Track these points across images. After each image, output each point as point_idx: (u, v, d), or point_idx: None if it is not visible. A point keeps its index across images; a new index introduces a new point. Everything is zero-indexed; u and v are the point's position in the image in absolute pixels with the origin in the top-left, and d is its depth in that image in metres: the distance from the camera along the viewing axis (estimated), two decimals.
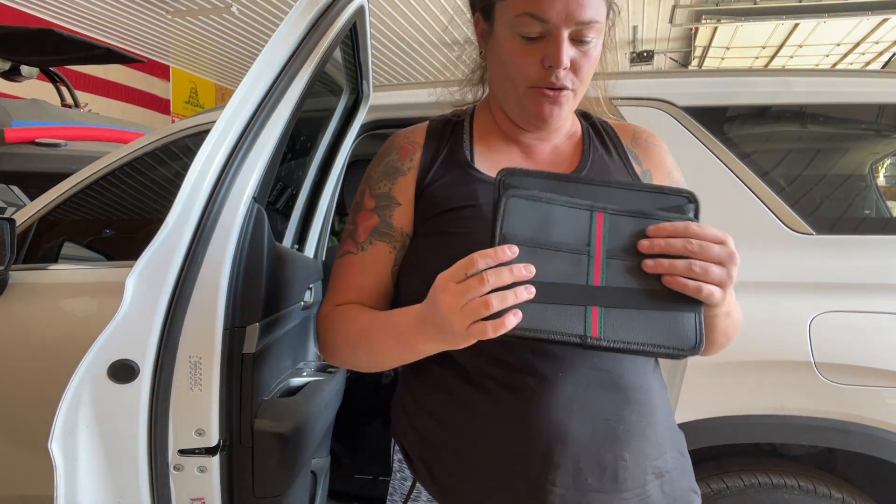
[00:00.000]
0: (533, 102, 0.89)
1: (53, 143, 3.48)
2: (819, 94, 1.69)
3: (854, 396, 1.48)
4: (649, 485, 0.87)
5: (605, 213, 0.76)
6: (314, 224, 1.90)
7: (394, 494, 0.97)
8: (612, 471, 0.83)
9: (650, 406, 0.88)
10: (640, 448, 0.86)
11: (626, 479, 0.84)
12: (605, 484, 0.83)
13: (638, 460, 0.85)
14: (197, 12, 6.97)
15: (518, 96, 0.91)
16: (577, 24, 0.85)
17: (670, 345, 0.73)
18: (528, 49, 0.87)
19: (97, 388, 1.14)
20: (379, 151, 1.01)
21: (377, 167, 0.99)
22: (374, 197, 0.96)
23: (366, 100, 1.83)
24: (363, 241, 0.95)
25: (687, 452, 0.97)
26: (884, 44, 8.52)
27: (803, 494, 1.56)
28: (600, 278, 0.74)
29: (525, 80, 0.89)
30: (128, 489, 1.18)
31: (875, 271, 1.54)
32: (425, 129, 1.01)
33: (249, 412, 1.28)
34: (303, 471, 1.52)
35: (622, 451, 0.84)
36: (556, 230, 0.75)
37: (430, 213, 0.92)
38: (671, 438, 0.93)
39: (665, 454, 0.90)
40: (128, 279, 1.13)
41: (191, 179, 1.16)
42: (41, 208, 1.98)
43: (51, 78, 4.64)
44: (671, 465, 0.90)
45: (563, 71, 0.86)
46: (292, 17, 1.23)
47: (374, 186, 0.97)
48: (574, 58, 0.87)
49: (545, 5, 0.83)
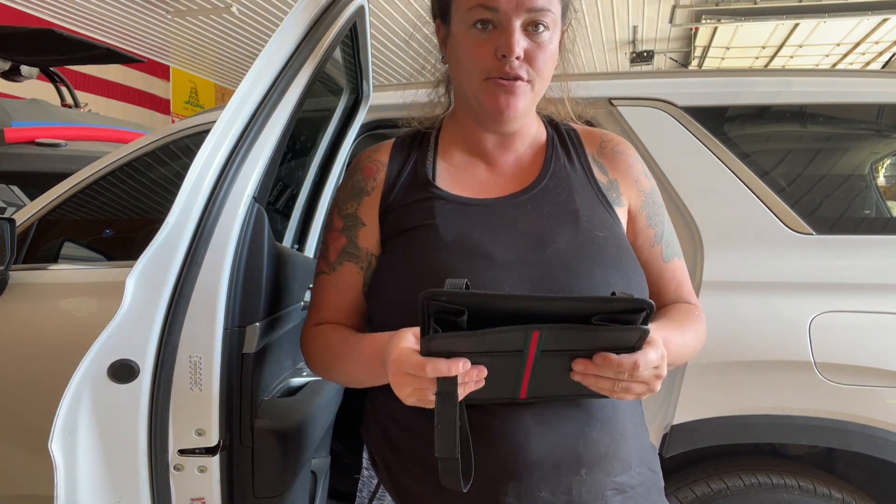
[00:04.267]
0: (488, 94, 0.89)
1: (53, 143, 3.48)
2: (819, 94, 1.69)
3: (854, 396, 1.48)
4: (610, 499, 0.87)
5: (542, 332, 0.72)
6: (314, 224, 1.90)
7: (362, 491, 1.01)
8: (566, 485, 0.84)
9: (615, 422, 0.89)
10: (600, 464, 0.86)
11: (581, 493, 0.85)
12: (558, 497, 0.84)
13: (596, 476, 0.86)
14: (197, 12, 6.98)
15: (475, 90, 0.91)
16: (528, 10, 0.85)
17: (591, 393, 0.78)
18: (482, 41, 0.87)
19: (97, 388, 1.14)
20: (347, 170, 1.02)
21: (344, 187, 1.01)
22: (342, 217, 0.99)
23: (366, 100, 1.83)
24: (333, 261, 0.98)
25: (659, 469, 0.98)
26: (884, 44, 8.52)
27: (803, 494, 1.56)
28: (531, 367, 0.75)
29: (480, 72, 0.89)
30: (128, 489, 1.18)
31: (875, 271, 1.54)
32: (391, 145, 1.02)
33: (249, 412, 1.28)
34: (303, 471, 1.52)
35: (579, 467, 0.85)
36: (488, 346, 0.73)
37: (392, 232, 0.94)
38: (640, 455, 0.93)
39: (630, 470, 0.90)
40: (128, 279, 1.13)
41: (191, 179, 1.16)
42: (41, 208, 1.98)
43: (51, 78, 4.64)
44: (637, 480, 0.91)
45: (517, 61, 0.86)
46: (292, 17, 1.23)
47: (342, 207, 0.99)
48: (528, 49, 0.87)
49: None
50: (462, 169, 0.98)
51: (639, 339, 0.73)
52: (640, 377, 0.74)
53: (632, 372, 0.73)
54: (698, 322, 0.98)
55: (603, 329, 0.72)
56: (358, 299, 0.98)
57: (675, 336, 0.89)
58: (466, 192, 0.95)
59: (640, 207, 0.99)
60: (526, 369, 0.76)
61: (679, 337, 0.91)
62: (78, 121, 3.85)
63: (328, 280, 0.99)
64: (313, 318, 1.01)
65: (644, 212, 0.99)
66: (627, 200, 0.99)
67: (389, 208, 0.96)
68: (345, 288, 0.97)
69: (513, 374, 0.77)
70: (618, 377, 0.74)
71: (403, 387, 0.74)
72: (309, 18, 1.25)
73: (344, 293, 0.97)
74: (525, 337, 0.72)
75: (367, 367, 0.86)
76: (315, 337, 0.97)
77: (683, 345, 0.92)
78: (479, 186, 0.96)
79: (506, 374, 0.77)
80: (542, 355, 0.74)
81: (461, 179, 0.96)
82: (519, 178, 0.97)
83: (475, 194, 0.94)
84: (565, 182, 0.95)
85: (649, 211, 1.00)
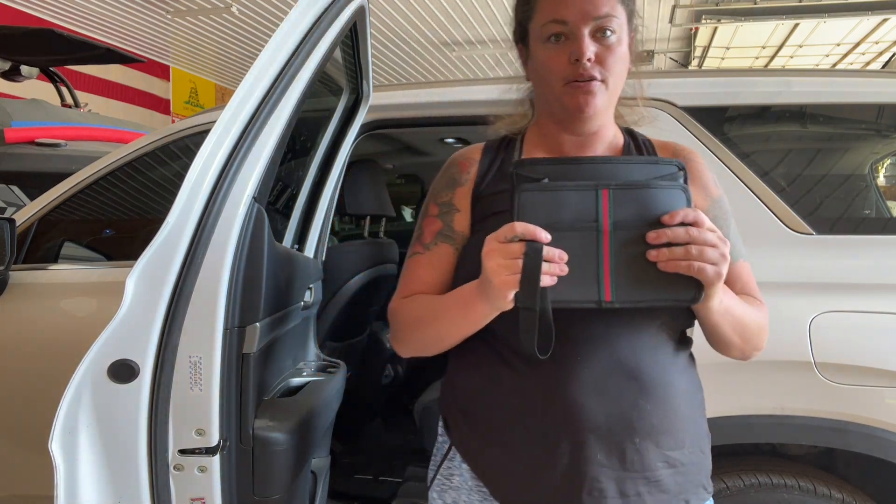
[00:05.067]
0: (569, 96, 0.99)
1: (53, 143, 3.48)
2: (819, 94, 1.69)
3: (854, 396, 1.48)
4: (660, 471, 0.95)
5: (609, 189, 0.85)
6: (314, 224, 1.89)
7: (435, 456, 1.10)
8: (619, 451, 0.93)
9: (669, 401, 0.96)
10: (653, 436, 0.95)
11: (634, 461, 0.93)
12: (612, 461, 0.93)
13: (648, 447, 0.94)
14: (197, 12, 6.98)
15: (556, 96, 1.01)
16: (594, 19, 0.96)
17: (673, 297, 0.85)
18: (557, 51, 0.99)
19: (97, 388, 1.14)
20: (442, 168, 1.15)
21: (440, 180, 1.13)
22: (438, 205, 1.10)
23: (366, 100, 1.83)
24: (429, 242, 1.08)
25: (709, 454, 1.05)
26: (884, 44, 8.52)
27: (803, 494, 1.56)
28: (608, 249, 0.85)
29: (559, 79, 0.99)
30: (128, 489, 1.18)
31: (875, 271, 1.54)
32: (482, 147, 1.14)
33: (249, 412, 1.28)
34: (303, 471, 1.52)
35: (633, 435, 0.93)
36: (566, 212, 0.85)
37: (481, 216, 1.06)
38: (694, 436, 1.00)
39: (683, 448, 0.98)
40: (128, 279, 1.13)
41: (191, 179, 1.16)
42: (41, 208, 1.98)
43: (51, 78, 4.64)
44: (688, 459, 0.99)
45: (588, 62, 0.96)
46: (292, 17, 1.24)
47: (438, 196, 1.11)
48: (597, 52, 0.97)
49: (563, 9, 0.97)
50: None
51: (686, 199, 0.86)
52: (706, 238, 0.82)
53: (697, 225, 0.82)
54: (762, 310, 1.04)
55: (655, 185, 0.86)
56: (448, 278, 1.06)
57: (731, 297, 0.95)
58: None
59: (706, 211, 1.04)
60: (604, 255, 0.84)
61: (736, 300, 0.96)
62: (78, 121, 3.85)
63: (422, 259, 1.08)
64: (402, 292, 1.09)
65: (709, 216, 1.03)
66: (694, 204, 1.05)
67: (480, 196, 1.07)
68: (438, 265, 1.06)
69: (592, 264, 0.85)
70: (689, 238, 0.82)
71: (493, 258, 0.83)
72: (309, 18, 1.25)
73: (436, 270, 1.06)
74: (596, 198, 0.85)
75: (459, 304, 0.94)
76: (409, 302, 1.06)
77: (743, 309, 0.97)
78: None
79: (586, 262, 0.85)
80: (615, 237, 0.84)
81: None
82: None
83: None
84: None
85: (714, 214, 1.06)
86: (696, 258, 0.82)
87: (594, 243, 0.85)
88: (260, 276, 1.27)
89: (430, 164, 3.64)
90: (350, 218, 3.77)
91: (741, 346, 1.00)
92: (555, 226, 0.84)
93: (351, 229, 4.11)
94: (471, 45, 8.29)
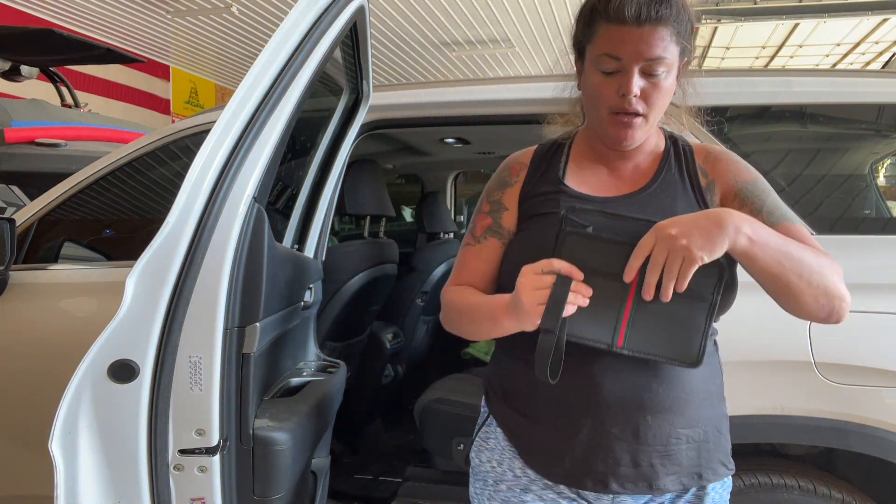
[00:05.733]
0: (612, 126, 1.08)
1: (53, 143, 3.48)
2: (819, 94, 1.69)
3: (854, 396, 1.48)
4: (673, 446, 1.05)
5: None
6: (314, 224, 1.90)
7: (478, 422, 1.22)
8: (633, 426, 1.03)
9: (682, 384, 1.04)
10: (665, 415, 1.03)
11: (647, 435, 1.03)
12: (626, 435, 1.03)
13: (661, 424, 1.03)
14: (197, 12, 6.98)
15: (601, 120, 1.10)
16: (646, 60, 1.03)
17: (676, 357, 0.95)
18: (607, 82, 1.06)
19: (97, 388, 1.14)
20: (498, 168, 1.25)
21: (494, 180, 1.23)
22: (490, 202, 1.21)
23: (366, 100, 1.83)
24: (479, 235, 1.19)
25: (727, 435, 1.14)
26: (884, 44, 8.52)
27: (803, 494, 1.56)
28: (632, 302, 0.93)
29: (605, 107, 1.07)
30: (128, 489, 1.18)
31: (875, 271, 1.54)
32: (532, 152, 1.24)
33: (250, 412, 1.28)
34: (303, 471, 1.52)
35: (645, 413, 1.03)
36: (602, 260, 0.93)
37: (526, 216, 1.16)
38: (709, 417, 1.09)
39: (697, 426, 1.06)
40: (128, 279, 1.14)
41: (191, 179, 1.16)
42: (41, 208, 1.98)
43: (51, 78, 4.64)
44: (702, 437, 1.07)
45: (634, 98, 1.04)
46: (292, 17, 1.24)
47: (490, 195, 1.22)
48: (644, 88, 1.05)
49: (620, 46, 1.03)
50: (588, 172, 1.18)
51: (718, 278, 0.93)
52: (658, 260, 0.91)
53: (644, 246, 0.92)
54: (824, 255, 1.02)
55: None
56: (495, 269, 1.17)
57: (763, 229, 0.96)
58: (588, 191, 1.15)
59: (735, 194, 1.12)
60: (627, 306, 0.93)
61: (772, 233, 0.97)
62: (78, 121, 3.85)
63: (473, 250, 1.18)
64: (455, 279, 1.20)
65: (740, 195, 1.12)
66: (720, 191, 1.14)
67: (526, 197, 1.17)
68: (486, 258, 1.17)
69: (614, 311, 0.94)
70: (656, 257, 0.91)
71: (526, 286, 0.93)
72: (309, 18, 1.25)
73: (484, 262, 1.17)
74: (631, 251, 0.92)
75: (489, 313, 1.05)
76: (457, 291, 1.17)
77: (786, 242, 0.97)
78: (600, 186, 1.16)
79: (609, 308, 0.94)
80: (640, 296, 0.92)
81: (586, 180, 1.17)
82: (634, 181, 1.16)
83: (595, 192, 1.15)
84: (672, 188, 1.13)
85: (748, 193, 1.11)
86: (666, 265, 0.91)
87: (620, 294, 0.94)
88: (260, 276, 1.27)
89: (430, 164, 3.64)
90: (350, 218, 3.77)
91: (807, 289, 0.96)
92: (589, 270, 0.92)
93: (351, 229, 4.12)
94: (471, 45, 8.29)
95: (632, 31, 1.02)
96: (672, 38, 1.04)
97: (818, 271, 0.98)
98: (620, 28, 1.02)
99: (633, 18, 1.01)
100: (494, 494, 1.14)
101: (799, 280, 0.97)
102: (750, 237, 0.93)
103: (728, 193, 1.13)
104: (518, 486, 1.12)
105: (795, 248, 0.98)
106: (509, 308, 0.99)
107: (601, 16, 1.05)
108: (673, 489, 1.06)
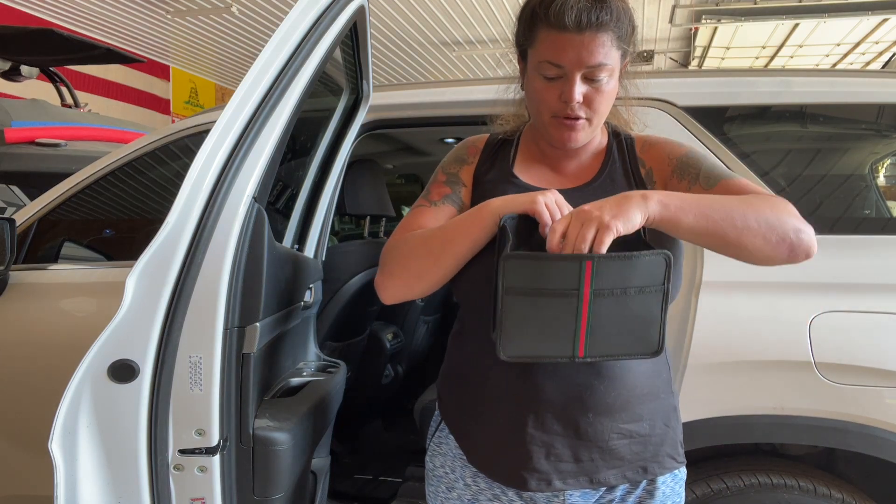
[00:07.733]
0: (555, 129, 1.10)
1: (53, 143, 3.48)
2: (819, 94, 1.69)
3: (854, 396, 1.48)
4: (614, 441, 1.05)
5: (593, 261, 0.89)
6: (314, 224, 1.90)
7: (431, 426, 1.23)
8: (574, 424, 1.04)
9: (625, 381, 1.05)
10: (607, 412, 1.05)
11: (588, 432, 1.04)
12: (568, 432, 1.04)
13: (602, 420, 1.04)
14: (197, 12, 6.98)
15: (544, 123, 1.11)
16: (588, 67, 1.03)
17: (637, 352, 0.93)
18: (549, 87, 1.07)
19: (97, 388, 1.14)
20: (455, 146, 1.26)
21: (451, 155, 1.24)
22: (447, 174, 1.21)
23: (366, 100, 1.83)
24: (436, 200, 1.17)
25: (677, 427, 1.14)
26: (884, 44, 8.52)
27: (803, 494, 1.56)
28: (587, 313, 0.91)
29: (547, 112, 1.09)
30: (128, 489, 1.18)
31: (875, 271, 1.54)
32: (486, 139, 1.25)
33: (250, 412, 1.28)
34: (303, 471, 1.52)
35: (587, 411, 1.04)
36: (549, 279, 0.89)
37: (477, 199, 1.14)
38: (656, 412, 1.09)
39: (641, 421, 1.07)
40: (128, 279, 1.13)
41: (191, 179, 1.16)
42: (41, 208, 1.98)
43: (51, 78, 4.64)
44: (647, 431, 1.08)
45: (577, 104, 1.05)
46: (292, 17, 1.24)
47: (447, 167, 1.22)
48: (586, 93, 1.05)
49: (561, 54, 1.03)
50: (535, 166, 1.20)
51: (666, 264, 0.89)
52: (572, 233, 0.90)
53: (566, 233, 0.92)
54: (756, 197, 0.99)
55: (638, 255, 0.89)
56: None
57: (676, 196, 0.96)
58: (536, 183, 1.16)
59: (672, 171, 1.12)
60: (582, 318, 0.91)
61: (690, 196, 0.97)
62: (78, 121, 3.84)
63: (428, 210, 1.15)
64: (402, 233, 1.14)
65: (677, 171, 1.12)
66: (658, 175, 1.15)
67: (478, 181, 1.19)
68: (441, 220, 1.14)
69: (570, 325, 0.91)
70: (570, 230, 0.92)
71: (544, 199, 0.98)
72: (309, 18, 1.26)
73: (437, 223, 1.14)
74: (580, 269, 0.88)
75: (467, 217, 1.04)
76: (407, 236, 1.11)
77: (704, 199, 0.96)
78: (548, 180, 1.18)
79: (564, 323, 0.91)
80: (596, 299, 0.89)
81: (534, 173, 1.18)
82: (579, 176, 1.17)
83: (542, 185, 1.16)
84: (616, 182, 1.15)
85: (683, 165, 1.11)
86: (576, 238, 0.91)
87: (571, 306, 0.91)
88: (260, 275, 1.27)
89: (430, 164, 3.64)
90: (350, 218, 3.77)
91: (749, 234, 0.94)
92: (534, 291, 0.90)
93: (351, 229, 4.11)
94: (471, 45, 8.29)
95: (572, 39, 1.01)
96: (613, 42, 1.04)
97: (755, 213, 0.95)
98: (561, 35, 1.02)
99: (573, 25, 1.00)
100: (446, 502, 1.16)
101: (734, 228, 0.94)
102: (661, 201, 0.93)
103: (665, 174, 1.13)
104: (468, 494, 1.13)
105: (719, 200, 0.96)
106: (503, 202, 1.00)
107: (541, 21, 1.04)
108: (615, 482, 1.07)
